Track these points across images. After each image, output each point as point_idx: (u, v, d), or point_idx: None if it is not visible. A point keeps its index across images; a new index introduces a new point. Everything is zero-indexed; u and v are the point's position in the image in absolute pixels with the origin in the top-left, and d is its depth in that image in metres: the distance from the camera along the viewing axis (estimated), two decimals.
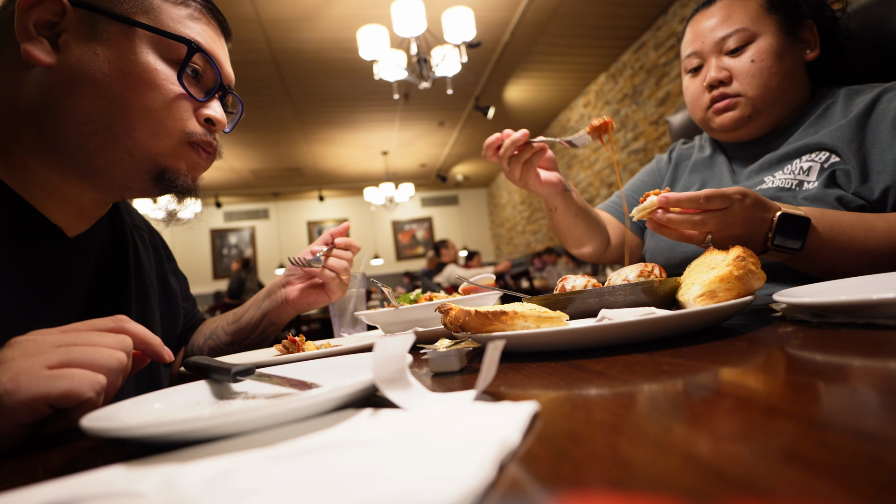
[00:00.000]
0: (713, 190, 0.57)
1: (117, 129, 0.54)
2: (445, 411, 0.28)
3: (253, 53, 4.18)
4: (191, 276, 0.93)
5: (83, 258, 0.61)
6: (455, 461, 0.20)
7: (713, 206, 0.58)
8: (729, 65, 0.85)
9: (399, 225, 9.74)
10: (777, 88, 0.83)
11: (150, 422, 0.28)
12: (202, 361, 0.48)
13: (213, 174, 7.31)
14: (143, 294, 0.70)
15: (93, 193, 0.60)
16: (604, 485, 0.17)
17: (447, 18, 3.22)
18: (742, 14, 0.84)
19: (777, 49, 0.82)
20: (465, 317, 0.48)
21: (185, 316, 0.85)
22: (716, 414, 0.24)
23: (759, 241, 0.62)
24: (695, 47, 0.89)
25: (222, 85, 0.63)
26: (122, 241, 0.69)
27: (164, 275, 0.79)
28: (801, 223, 0.62)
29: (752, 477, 0.16)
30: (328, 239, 0.85)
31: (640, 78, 4.77)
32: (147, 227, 0.80)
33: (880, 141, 0.73)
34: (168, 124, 0.57)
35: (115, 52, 0.53)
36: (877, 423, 0.20)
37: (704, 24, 0.88)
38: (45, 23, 0.52)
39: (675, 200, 0.58)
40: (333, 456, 0.23)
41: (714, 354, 0.36)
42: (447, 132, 6.74)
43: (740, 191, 0.59)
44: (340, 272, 0.83)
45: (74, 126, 0.53)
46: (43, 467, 0.32)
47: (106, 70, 0.53)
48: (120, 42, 0.53)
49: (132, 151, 0.55)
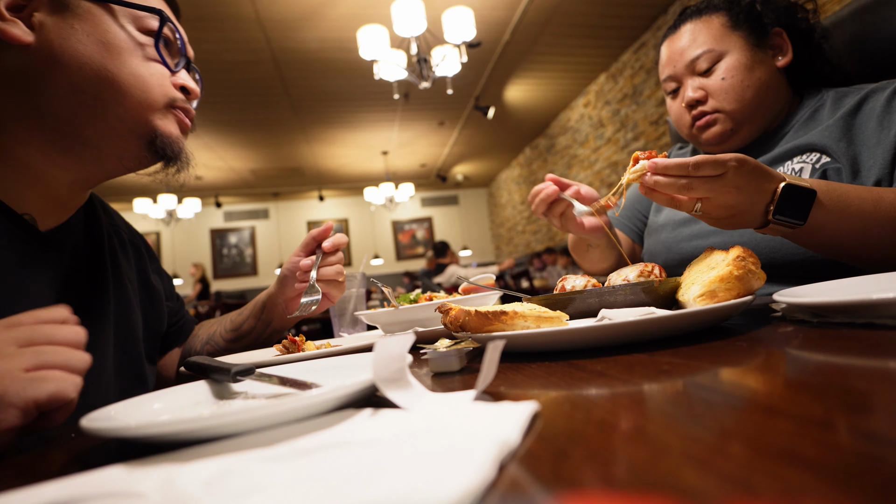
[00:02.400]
0: (705, 156, 0.56)
1: (106, 97, 0.55)
2: (445, 411, 0.28)
3: (253, 53, 4.18)
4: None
5: (56, 253, 0.60)
6: (455, 461, 0.20)
7: (703, 173, 0.56)
8: (703, 84, 0.87)
9: (399, 225, 9.74)
10: (753, 100, 0.84)
11: (149, 422, 0.28)
12: (202, 361, 0.48)
13: (213, 174, 7.31)
14: (122, 292, 0.69)
15: (76, 172, 0.60)
16: (604, 485, 0.17)
17: (447, 18, 3.22)
18: (706, 36, 0.86)
19: (746, 63, 0.84)
20: (465, 317, 0.48)
21: (171, 315, 0.84)
22: (716, 414, 0.24)
23: (759, 212, 0.60)
24: (669, 71, 0.91)
25: (186, 56, 0.65)
26: (98, 239, 0.68)
27: (146, 274, 0.78)
28: (805, 196, 0.59)
29: (752, 477, 0.16)
30: (311, 245, 0.82)
31: (640, 78, 4.77)
32: (126, 227, 0.79)
33: (868, 138, 0.73)
34: (153, 90, 0.59)
35: (91, 25, 0.55)
36: (877, 422, 0.20)
37: (674, 47, 0.90)
38: (14, 5, 0.53)
39: (663, 167, 0.57)
40: (333, 456, 0.23)
41: (714, 354, 0.36)
42: (447, 132, 6.74)
43: (738, 157, 0.56)
44: (336, 277, 0.82)
45: (62, 98, 0.55)
46: (43, 467, 0.32)
47: (86, 42, 0.54)
48: (94, 16, 0.55)
49: (122, 117, 0.57)
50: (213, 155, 6.52)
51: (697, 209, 0.59)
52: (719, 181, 0.56)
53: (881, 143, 0.72)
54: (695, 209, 0.59)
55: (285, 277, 0.82)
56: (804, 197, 0.59)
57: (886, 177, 0.71)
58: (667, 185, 0.58)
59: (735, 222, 0.61)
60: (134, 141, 0.59)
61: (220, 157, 6.66)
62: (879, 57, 0.87)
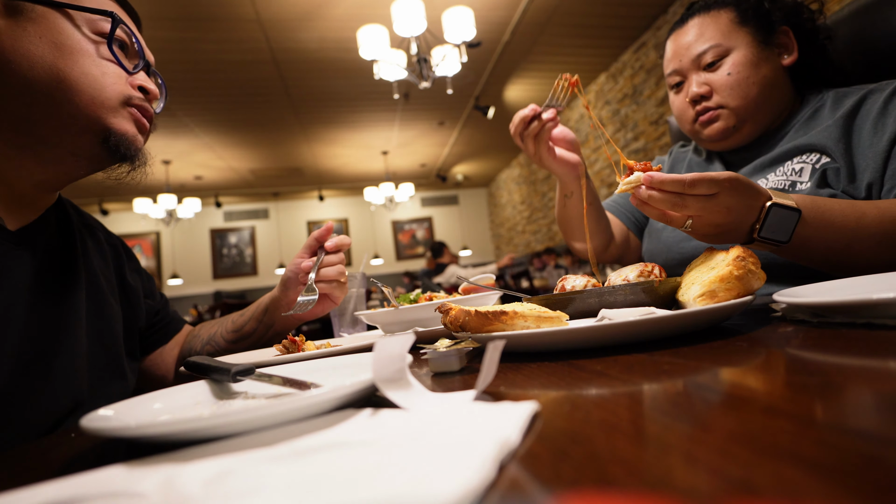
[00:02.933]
0: (701, 175, 0.55)
1: (58, 96, 0.57)
2: (445, 411, 0.28)
3: (253, 53, 4.18)
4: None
5: (28, 252, 0.61)
6: (455, 461, 0.20)
7: (698, 191, 0.56)
8: (708, 79, 0.87)
9: (399, 225, 9.74)
10: (758, 97, 0.84)
11: (149, 422, 0.28)
12: (202, 361, 0.48)
13: (213, 174, 7.32)
14: (96, 290, 0.70)
15: (37, 173, 0.61)
16: (604, 485, 0.17)
17: (447, 18, 3.22)
18: (714, 30, 0.86)
19: (752, 59, 0.84)
20: (465, 317, 0.48)
21: (152, 314, 0.84)
22: (716, 414, 0.24)
23: (745, 230, 0.60)
24: (674, 65, 0.91)
25: (145, 59, 0.66)
26: (69, 235, 0.69)
27: (123, 273, 0.79)
28: (790, 215, 0.59)
29: (752, 477, 0.16)
30: (314, 246, 0.83)
31: (640, 78, 4.77)
32: (103, 229, 0.80)
33: (863, 140, 0.74)
34: (106, 88, 0.60)
35: (43, 28, 0.56)
36: (877, 423, 0.20)
37: (681, 41, 0.90)
38: None
39: (658, 181, 0.56)
40: (333, 456, 0.23)
41: (714, 354, 0.36)
42: (447, 132, 6.74)
43: (731, 178, 0.56)
44: (338, 277, 0.82)
45: (15, 97, 0.56)
46: (43, 467, 0.32)
47: (38, 43, 0.56)
48: (47, 20, 0.57)
49: (75, 115, 0.58)
50: (213, 155, 6.52)
51: (688, 226, 0.59)
52: (712, 200, 0.56)
53: (874, 146, 0.72)
54: (685, 225, 0.59)
55: (288, 280, 0.82)
56: (789, 217, 0.60)
57: (878, 180, 0.71)
58: (660, 201, 0.57)
59: (722, 239, 0.61)
60: (88, 138, 0.59)
61: (220, 157, 6.66)
62: (879, 57, 0.87)
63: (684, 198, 0.56)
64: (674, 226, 0.61)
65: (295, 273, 0.81)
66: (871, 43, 0.88)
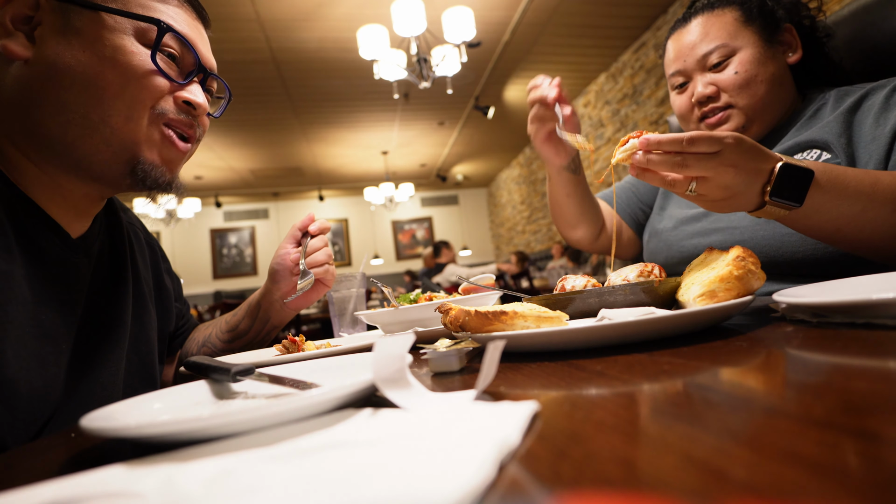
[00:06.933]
0: (701, 132, 0.53)
1: (94, 117, 0.54)
2: (445, 411, 0.28)
3: (253, 53, 4.18)
4: (191, 276, 0.93)
5: (86, 258, 0.62)
6: (455, 461, 0.20)
7: (699, 149, 0.53)
8: (714, 79, 0.86)
9: (399, 225, 9.74)
10: (766, 95, 0.84)
11: (149, 422, 0.28)
12: (202, 361, 0.48)
13: (213, 174, 7.32)
14: (139, 292, 0.70)
15: (82, 187, 0.60)
16: (604, 485, 0.17)
17: (447, 18, 3.22)
18: (720, 30, 0.85)
19: (759, 57, 0.83)
20: (465, 317, 0.48)
21: (178, 317, 0.85)
22: (716, 414, 0.24)
23: (755, 192, 0.57)
24: (678, 66, 0.90)
25: (202, 67, 0.62)
26: (119, 239, 0.69)
27: (160, 274, 0.79)
28: (803, 176, 0.57)
29: (752, 477, 0.16)
30: (297, 235, 0.84)
31: (640, 78, 4.77)
32: (143, 227, 0.80)
33: (865, 134, 0.74)
34: (141, 103, 0.56)
35: (88, 40, 0.54)
36: (877, 422, 0.20)
37: (684, 41, 0.89)
38: (22, 17, 0.53)
39: (655, 142, 0.54)
40: (333, 456, 0.23)
41: (714, 354, 0.36)
42: (447, 132, 6.74)
43: (735, 135, 0.54)
44: (327, 260, 0.83)
45: (53, 117, 0.54)
46: (43, 467, 0.32)
47: (81, 58, 0.53)
48: (93, 29, 0.54)
49: (109, 140, 0.55)
50: (213, 155, 6.52)
51: (692, 189, 0.56)
52: (715, 159, 0.54)
53: (876, 139, 0.72)
54: (689, 189, 0.57)
55: (276, 272, 0.83)
56: (801, 177, 0.57)
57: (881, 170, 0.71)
58: (660, 163, 0.55)
59: (731, 204, 0.59)
60: (117, 167, 0.57)
61: (220, 157, 6.66)
62: (879, 56, 0.87)
63: (685, 157, 0.54)
64: (677, 191, 0.58)
65: (281, 265, 0.82)
66: (871, 42, 0.88)
